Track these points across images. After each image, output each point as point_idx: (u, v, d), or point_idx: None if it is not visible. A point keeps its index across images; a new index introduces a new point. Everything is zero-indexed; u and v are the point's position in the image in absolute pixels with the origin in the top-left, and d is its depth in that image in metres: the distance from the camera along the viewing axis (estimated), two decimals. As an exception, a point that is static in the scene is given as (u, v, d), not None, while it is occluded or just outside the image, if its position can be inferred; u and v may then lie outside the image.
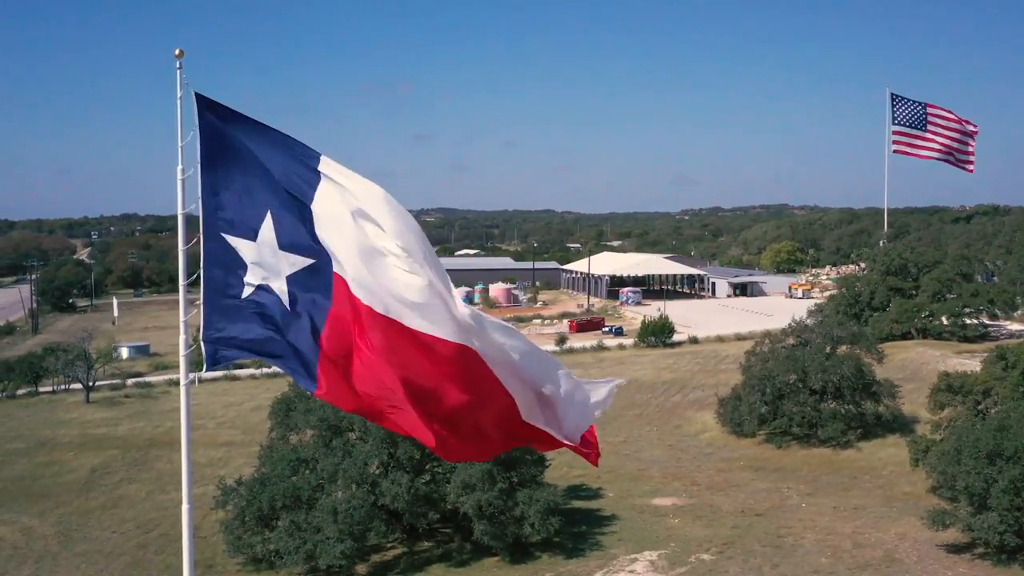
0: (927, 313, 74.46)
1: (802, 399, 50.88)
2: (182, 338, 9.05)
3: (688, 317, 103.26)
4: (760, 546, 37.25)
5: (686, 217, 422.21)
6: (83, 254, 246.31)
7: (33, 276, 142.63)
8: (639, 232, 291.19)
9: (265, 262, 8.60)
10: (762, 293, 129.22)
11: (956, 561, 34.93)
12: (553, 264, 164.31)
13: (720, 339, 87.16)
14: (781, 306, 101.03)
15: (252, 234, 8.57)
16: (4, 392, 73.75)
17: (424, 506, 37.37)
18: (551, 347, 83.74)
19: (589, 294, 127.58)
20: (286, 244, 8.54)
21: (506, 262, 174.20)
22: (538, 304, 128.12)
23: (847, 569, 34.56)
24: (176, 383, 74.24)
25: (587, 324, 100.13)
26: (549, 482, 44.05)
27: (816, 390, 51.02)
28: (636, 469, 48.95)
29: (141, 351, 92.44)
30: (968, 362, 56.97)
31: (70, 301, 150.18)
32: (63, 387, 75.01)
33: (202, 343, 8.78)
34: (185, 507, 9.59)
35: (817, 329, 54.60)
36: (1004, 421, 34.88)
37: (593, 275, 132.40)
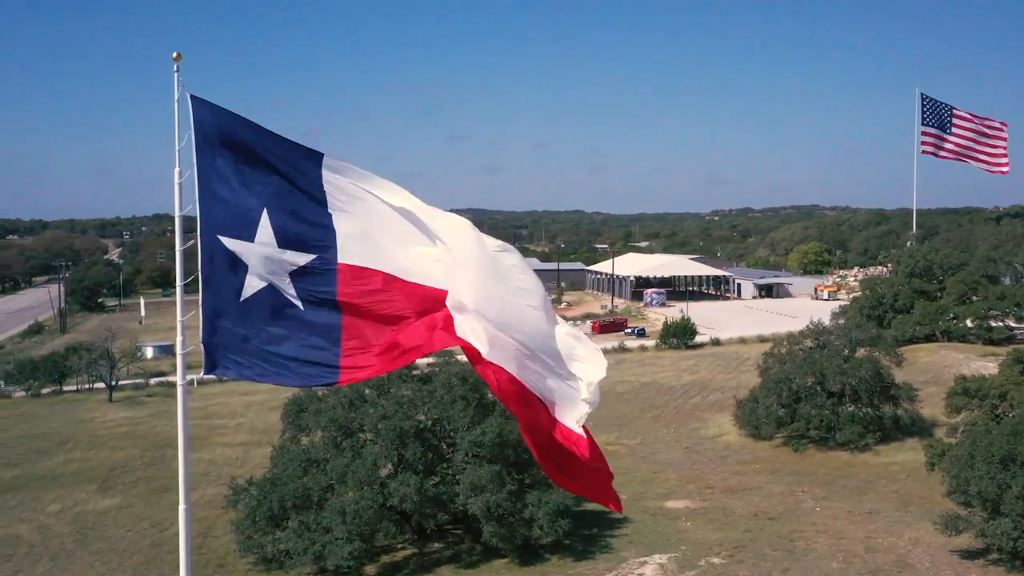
0: (952, 315, 73.76)
1: (819, 402, 50.48)
2: (179, 339, 9.09)
3: (711, 318, 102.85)
4: (771, 550, 36.99)
5: (715, 218, 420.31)
6: (114, 254, 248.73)
7: (63, 276, 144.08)
8: (667, 233, 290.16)
9: (266, 262, 8.64)
10: (788, 295, 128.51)
11: (969, 567, 34.53)
12: (579, 265, 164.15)
13: (743, 341, 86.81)
14: (806, 308, 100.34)
15: (250, 235, 8.60)
16: (29, 391, 74.58)
17: (433, 507, 37.37)
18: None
19: (613, 295, 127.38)
20: (285, 242, 8.61)
21: (532, 263, 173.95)
22: (562, 305, 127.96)
23: (858, 574, 34.26)
24: (199, 383, 74.93)
25: (610, 325, 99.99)
26: (562, 484, 44.04)
27: (834, 393, 50.59)
28: (651, 471, 48.75)
29: (165, 351, 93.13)
30: (991, 365, 56.36)
31: (99, 301, 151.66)
32: (87, 386, 75.81)
33: (201, 346, 8.80)
34: (182, 507, 9.65)
35: (835, 331, 54.06)
36: (1018, 426, 34.44)
37: (618, 276, 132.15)
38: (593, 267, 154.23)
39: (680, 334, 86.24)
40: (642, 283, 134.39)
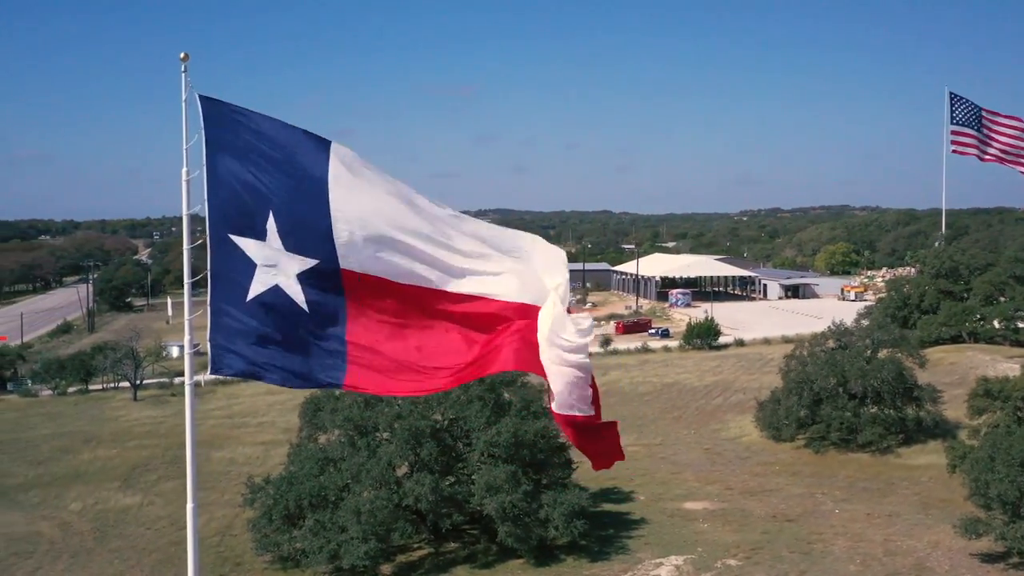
0: (978, 317, 72.99)
1: (841, 403, 50.06)
2: (186, 338, 9.10)
3: (736, 319, 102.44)
4: (788, 552, 36.71)
5: (744, 218, 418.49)
6: (144, 254, 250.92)
7: (92, 276, 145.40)
8: (695, 233, 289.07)
9: (275, 262, 8.60)
10: (814, 295, 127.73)
11: (989, 571, 34.13)
12: (604, 265, 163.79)
13: (767, 341, 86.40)
14: (832, 308, 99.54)
15: (260, 234, 8.57)
16: (56, 390, 75.28)
17: (449, 507, 37.36)
18: (595, 348, 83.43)
19: (638, 296, 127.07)
20: (291, 243, 8.56)
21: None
22: (587, 305, 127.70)
23: (875, 577, 33.96)
24: (224, 382, 75.38)
25: (633, 326, 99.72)
26: (581, 484, 43.96)
27: (856, 394, 50.17)
28: (670, 472, 48.54)
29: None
30: (1018, 367, 55.65)
31: (127, 301, 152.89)
32: (112, 385, 76.44)
33: (208, 345, 8.82)
34: (190, 506, 9.60)
35: (857, 332, 53.60)
36: (1039, 428, 33.98)
37: (643, 276, 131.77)
38: (618, 267, 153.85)
39: (704, 335, 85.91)
40: (668, 283, 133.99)
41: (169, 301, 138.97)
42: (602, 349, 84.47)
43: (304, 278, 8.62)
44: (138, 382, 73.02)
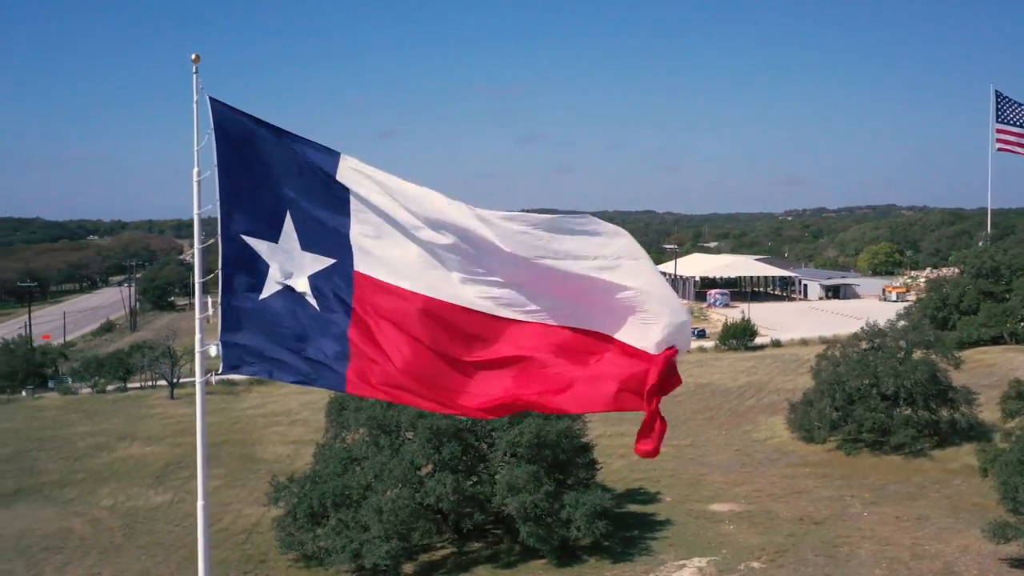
0: (1020, 317, 71.80)
1: (873, 404, 49.37)
2: (198, 336, 9.19)
3: (774, 319, 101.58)
4: (813, 555, 36.32)
5: (789, 218, 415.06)
6: (188, 254, 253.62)
7: (135, 276, 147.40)
8: (737, 233, 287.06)
9: (287, 262, 8.69)
10: (855, 296, 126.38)
11: (1018, 576, 33.56)
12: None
13: (804, 342, 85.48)
14: (873, 309, 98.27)
15: (273, 235, 8.67)
16: (95, 388, 76.33)
17: (471, 507, 37.35)
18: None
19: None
20: (307, 244, 8.64)
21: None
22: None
23: (901, 581, 33.50)
24: (259, 382, 76.00)
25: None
26: (607, 485, 43.84)
27: (888, 396, 49.49)
28: (698, 474, 48.20)
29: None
30: (1057, 369, 54.74)
31: (170, 300, 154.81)
32: (150, 383, 77.36)
33: (219, 343, 8.91)
34: (200, 503, 9.74)
35: (891, 333, 52.87)
36: (1070, 431, 33.32)
37: (681, 276, 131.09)
38: (657, 267, 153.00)
39: (739, 335, 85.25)
40: (707, 283, 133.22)
41: (209, 300, 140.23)
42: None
43: (317, 279, 8.68)
44: (175, 380, 73.82)
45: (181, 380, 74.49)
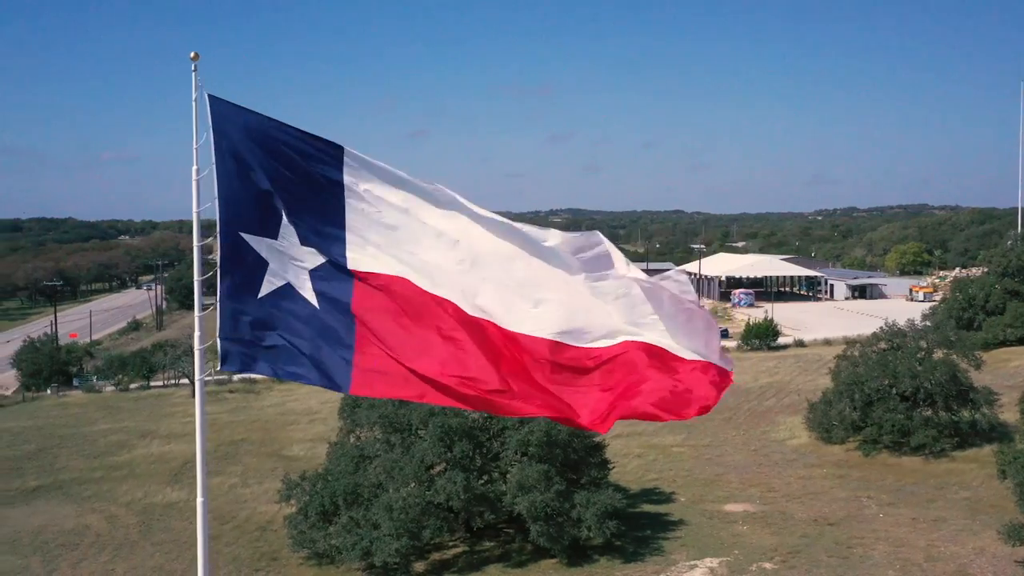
0: (1047, 318, 70.93)
1: (892, 405, 48.86)
2: (196, 334, 9.19)
3: (799, 319, 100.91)
4: (826, 556, 35.97)
5: (819, 218, 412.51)
6: (217, 253, 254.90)
7: (163, 275, 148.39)
8: (766, 233, 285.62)
9: (286, 259, 8.67)
10: (882, 296, 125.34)
11: (1033, 579, 33.09)
12: (668, 265, 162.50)
13: (827, 342, 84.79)
14: (899, 309, 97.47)
15: (272, 232, 8.64)
16: (118, 386, 76.94)
17: (482, 505, 37.30)
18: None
19: (700, 296, 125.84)
20: (306, 240, 8.63)
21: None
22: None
23: (914, 583, 33.12)
24: (279, 382, 76.32)
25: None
26: (622, 485, 43.73)
27: (908, 396, 48.97)
28: (714, 474, 47.90)
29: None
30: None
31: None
32: (173, 382, 77.87)
33: (218, 340, 8.91)
34: (200, 500, 9.71)
35: (910, 333, 52.29)
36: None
37: (706, 276, 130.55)
38: (683, 267, 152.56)
39: (762, 335, 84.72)
40: (733, 283, 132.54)
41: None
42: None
43: (316, 275, 8.67)
44: (197, 379, 74.27)
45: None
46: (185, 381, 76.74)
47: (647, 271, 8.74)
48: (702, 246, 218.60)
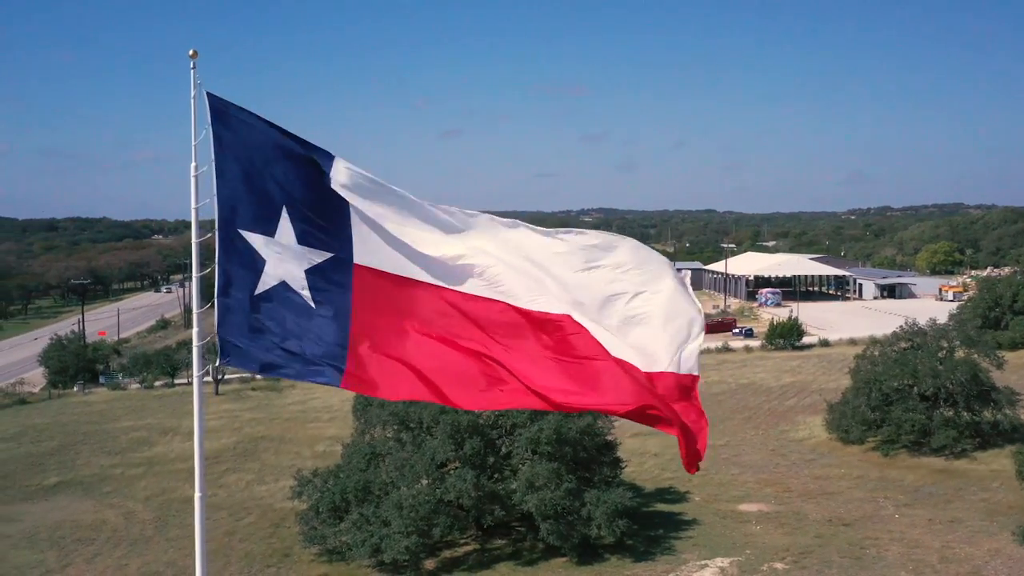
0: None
1: (911, 405, 48.34)
2: (195, 330, 9.26)
3: (825, 319, 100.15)
4: (839, 557, 35.64)
5: (852, 217, 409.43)
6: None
7: (190, 274, 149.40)
8: (797, 232, 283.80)
9: (283, 257, 8.73)
10: (911, 295, 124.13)
11: (1048, 581, 32.62)
12: (696, 264, 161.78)
13: (853, 342, 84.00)
14: (928, 309, 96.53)
15: (270, 229, 8.71)
16: (143, 383, 77.60)
17: (492, 503, 37.24)
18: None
19: (726, 295, 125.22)
20: (303, 238, 8.71)
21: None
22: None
23: (926, 585, 32.74)
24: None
25: (717, 325, 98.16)
26: (637, 484, 43.60)
27: (928, 396, 48.43)
28: (730, 474, 47.59)
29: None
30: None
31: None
32: (197, 380, 78.49)
33: (216, 336, 8.98)
34: (197, 495, 9.78)
35: (931, 332, 51.71)
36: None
37: (733, 275, 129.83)
38: (710, 266, 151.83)
39: (786, 335, 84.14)
40: (761, 283, 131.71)
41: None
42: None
43: (313, 273, 8.74)
44: (220, 377, 74.80)
45: (226, 376, 75.47)
46: (209, 379, 77.25)
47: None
48: (732, 245, 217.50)
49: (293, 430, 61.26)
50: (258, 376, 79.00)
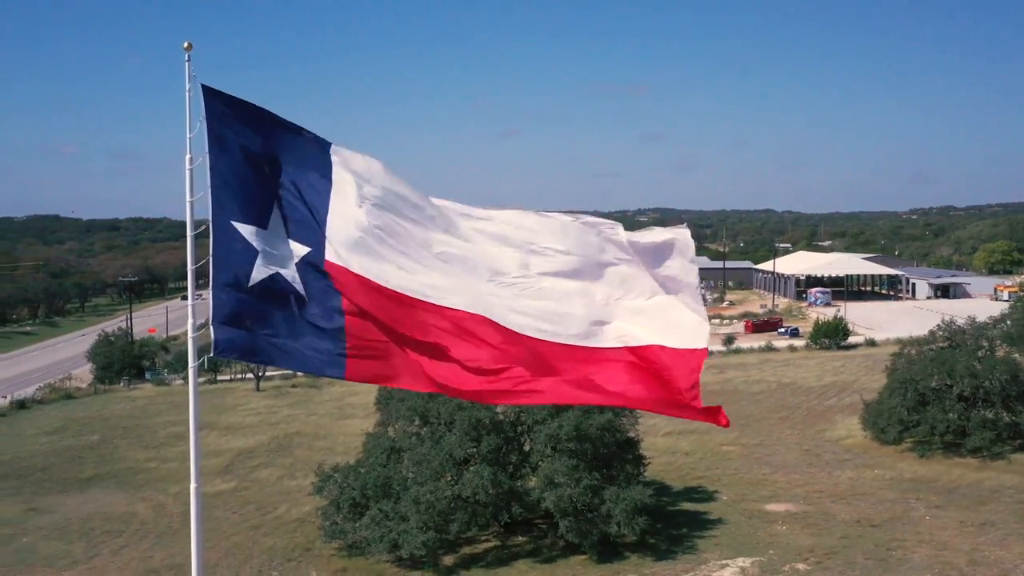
0: None
1: (948, 405, 47.24)
2: (190, 322, 9.29)
3: (874, 319, 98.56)
4: (864, 559, 34.88)
5: (913, 216, 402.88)
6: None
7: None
8: (854, 232, 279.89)
9: (275, 249, 8.76)
10: (966, 295, 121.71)
11: (1079, 586, 31.63)
12: (747, 264, 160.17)
13: (900, 342, 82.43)
14: (982, 309, 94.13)
15: (262, 221, 8.74)
16: (182, 380, 78.56)
17: (511, 500, 37.03)
18: (717, 347, 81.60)
19: (774, 294, 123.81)
20: (292, 231, 8.75)
21: (701, 262, 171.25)
22: (724, 304, 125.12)
23: (952, 588, 31.92)
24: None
25: (763, 324, 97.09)
26: (667, 482, 43.17)
27: (965, 396, 47.29)
28: (761, 473, 46.86)
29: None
30: None
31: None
32: (239, 376, 79.24)
33: (211, 327, 9.00)
34: (193, 486, 9.80)
35: (970, 331, 50.49)
36: None
37: (782, 275, 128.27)
38: (760, 266, 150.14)
39: (831, 334, 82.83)
40: (811, 282, 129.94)
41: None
42: (724, 347, 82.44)
43: (302, 266, 8.74)
44: (261, 373, 75.46)
45: (267, 373, 76.12)
46: (250, 376, 78.03)
47: (723, 270, 9.02)
48: (787, 245, 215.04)
49: (328, 426, 61.56)
50: (299, 372, 79.71)
